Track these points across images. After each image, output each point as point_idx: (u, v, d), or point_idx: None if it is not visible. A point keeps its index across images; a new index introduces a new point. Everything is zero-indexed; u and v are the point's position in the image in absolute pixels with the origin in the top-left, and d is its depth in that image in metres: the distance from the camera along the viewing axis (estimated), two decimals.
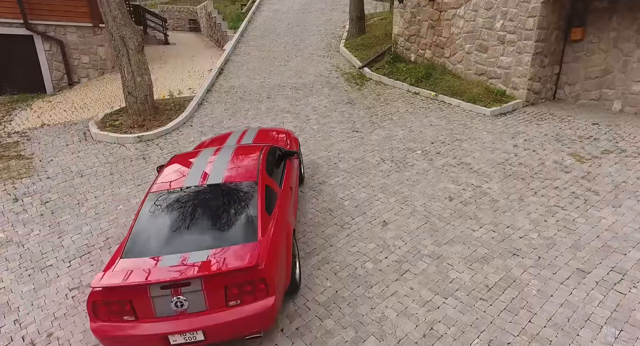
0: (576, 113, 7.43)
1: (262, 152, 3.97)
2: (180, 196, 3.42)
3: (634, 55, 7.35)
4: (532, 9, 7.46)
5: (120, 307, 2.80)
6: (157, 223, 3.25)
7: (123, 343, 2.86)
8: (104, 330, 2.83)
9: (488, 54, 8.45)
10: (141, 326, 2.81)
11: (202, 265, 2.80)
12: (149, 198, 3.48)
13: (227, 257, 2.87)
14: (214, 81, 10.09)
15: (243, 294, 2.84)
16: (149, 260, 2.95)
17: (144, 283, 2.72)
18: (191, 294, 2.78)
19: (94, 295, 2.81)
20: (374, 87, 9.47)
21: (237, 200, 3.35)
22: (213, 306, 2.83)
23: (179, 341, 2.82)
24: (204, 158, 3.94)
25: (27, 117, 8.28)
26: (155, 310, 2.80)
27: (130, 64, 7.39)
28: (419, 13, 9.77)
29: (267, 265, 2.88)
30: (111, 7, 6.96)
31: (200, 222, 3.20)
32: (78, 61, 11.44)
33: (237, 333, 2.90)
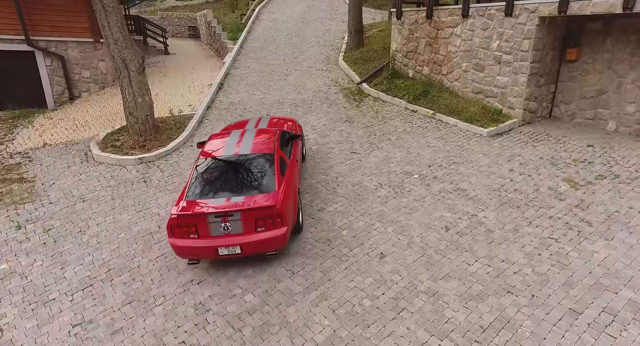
0: (571, 133, 7.54)
1: (276, 134, 5.51)
2: (223, 160, 4.93)
3: (628, 77, 7.47)
4: (527, 31, 7.57)
5: (188, 228, 4.25)
6: (207, 178, 4.74)
7: (190, 252, 4.29)
8: (178, 243, 4.25)
9: (485, 73, 8.56)
10: (201, 241, 4.27)
11: (240, 204, 4.29)
12: (199, 162, 4.97)
13: (256, 199, 4.36)
14: (214, 97, 10.19)
15: (266, 224, 4.30)
16: (205, 200, 4.44)
17: (205, 213, 4.22)
18: (233, 222, 4.25)
19: (172, 220, 4.25)
20: (372, 103, 9.57)
21: (261, 165, 4.87)
22: (247, 231, 4.30)
23: (224, 253, 4.27)
24: (234, 136, 5.49)
25: (29, 136, 8.38)
26: (210, 231, 4.26)
27: (132, 85, 7.48)
28: (416, 30, 9.88)
29: (281, 206, 4.34)
30: (112, 31, 7.05)
31: (237, 178, 4.70)
32: (79, 76, 11.54)
33: (262, 249, 4.36)
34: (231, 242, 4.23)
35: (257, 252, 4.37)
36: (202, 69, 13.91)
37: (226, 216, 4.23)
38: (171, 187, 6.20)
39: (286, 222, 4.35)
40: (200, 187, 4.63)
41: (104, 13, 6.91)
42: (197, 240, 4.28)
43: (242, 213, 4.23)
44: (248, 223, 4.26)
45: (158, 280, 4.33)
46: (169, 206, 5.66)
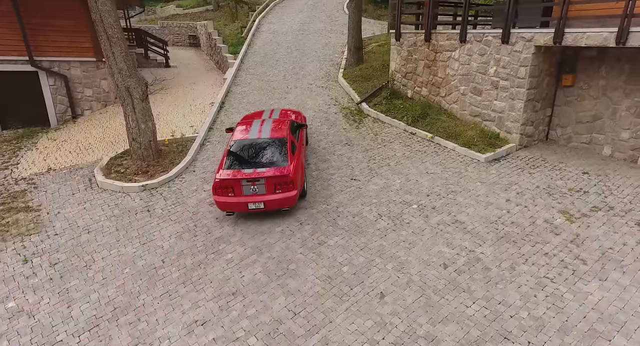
0: (567, 158, 7.65)
1: (287, 123, 7.26)
2: (249, 142, 6.64)
3: (622, 104, 7.60)
4: (523, 59, 7.70)
5: (227, 189, 5.91)
6: (238, 154, 6.43)
7: (228, 206, 5.96)
8: (220, 200, 5.93)
9: (482, 97, 8.69)
10: (236, 198, 5.94)
11: (264, 173, 5.95)
12: (232, 143, 6.64)
13: (275, 170, 6.02)
14: (216, 117, 10.30)
15: (282, 188, 5.96)
16: (238, 170, 6.08)
17: (240, 178, 5.90)
18: (259, 185, 5.91)
19: (216, 183, 5.92)
20: (371, 124, 9.70)
21: (277, 146, 6.53)
22: (269, 192, 5.96)
23: (252, 207, 5.93)
24: (256, 125, 7.23)
25: (34, 160, 8.48)
26: (242, 191, 5.92)
27: (135, 112, 7.59)
28: (415, 52, 10.02)
29: (293, 175, 6.04)
30: (117, 61, 7.17)
31: (261, 155, 6.37)
32: (82, 94, 11.66)
33: (279, 206, 6.02)
34: (257, 199, 5.97)
35: (275, 208, 6.08)
36: (203, 84, 14.04)
37: (254, 181, 5.98)
38: (174, 217, 6.31)
39: (296, 186, 6.14)
40: (234, 160, 6.35)
41: (108, 44, 7.03)
42: (233, 197, 6.02)
43: (266, 180, 5.98)
44: (270, 186, 6.00)
45: (163, 321, 4.42)
46: (173, 238, 5.77)
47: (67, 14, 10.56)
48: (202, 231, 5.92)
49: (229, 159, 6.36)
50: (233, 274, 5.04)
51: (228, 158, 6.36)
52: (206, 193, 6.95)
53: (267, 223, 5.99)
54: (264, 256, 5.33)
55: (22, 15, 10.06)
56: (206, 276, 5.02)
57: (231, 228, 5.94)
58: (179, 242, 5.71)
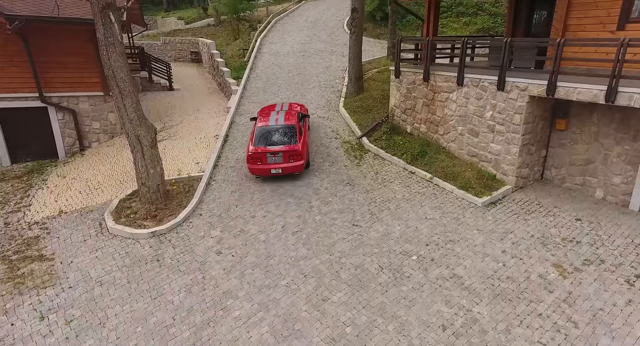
0: (561, 202, 7.90)
1: (295, 114, 9.99)
2: (269, 128, 9.26)
3: (613, 151, 7.87)
4: (518, 107, 7.97)
5: (257, 159, 8.65)
6: (262, 136, 9.05)
7: (257, 171, 8.78)
8: (252, 167, 8.71)
9: (479, 139, 8.95)
10: (263, 166, 8.71)
11: (282, 148, 8.70)
12: (257, 128, 9.27)
13: (289, 147, 8.76)
14: (220, 152, 10.54)
15: (293, 158, 8.73)
16: (264, 146, 8.80)
17: (266, 152, 8.66)
18: (278, 157, 8.69)
19: (249, 155, 8.67)
20: (372, 161, 9.95)
21: (290, 130, 9.20)
22: (285, 162, 8.73)
23: (273, 172, 8.71)
24: (273, 115, 9.92)
25: (45, 201, 8.76)
26: (267, 161, 8.66)
27: (144, 158, 7.85)
28: (414, 90, 10.29)
29: (301, 149, 8.82)
30: (128, 112, 7.44)
31: (279, 136, 9.02)
32: (89, 127, 11.94)
33: (292, 171, 8.82)
34: (277, 166, 8.76)
35: (289, 172, 8.90)
36: (207, 111, 14.25)
37: (275, 154, 8.74)
38: (183, 268, 6.55)
39: (304, 158, 8.95)
40: (259, 140, 9.08)
41: (120, 96, 7.31)
42: (261, 165, 8.81)
43: (283, 153, 8.74)
44: (285, 158, 8.77)
45: None
46: (182, 292, 5.98)
47: (76, 51, 10.87)
48: (210, 284, 6.16)
49: (256, 139, 9.17)
50: (241, 334, 5.27)
51: (255, 139, 9.18)
52: (213, 240, 7.20)
53: (272, 276, 6.18)
54: (270, 313, 5.56)
55: (33, 53, 10.36)
56: (215, 337, 5.25)
57: (238, 281, 6.16)
58: (188, 296, 5.95)
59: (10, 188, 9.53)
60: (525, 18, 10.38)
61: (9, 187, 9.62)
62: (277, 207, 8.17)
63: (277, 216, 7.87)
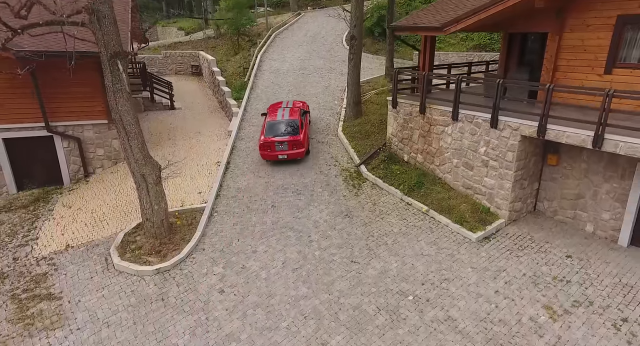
0: (553, 236, 8.14)
1: (298, 110, 12.24)
2: (277, 122, 11.59)
3: (603, 188, 8.12)
4: (510, 145, 8.24)
5: (267, 147, 11.10)
6: (271, 128, 11.41)
7: (267, 157, 11.28)
8: (263, 153, 11.24)
9: (474, 172, 9.20)
10: (272, 152, 11.16)
11: (287, 138, 11.06)
12: (266, 122, 11.63)
13: (293, 137, 11.11)
14: (222, 181, 10.79)
15: (296, 147, 11.14)
16: (273, 137, 11.16)
17: (274, 141, 11.03)
18: (284, 145, 11.04)
19: (261, 144, 11.18)
20: (370, 191, 10.20)
21: (293, 124, 11.53)
22: (289, 149, 11.09)
23: (280, 157, 11.16)
24: (280, 111, 12.15)
25: (52, 234, 8.98)
26: (275, 148, 11.09)
27: (149, 195, 8.09)
28: (411, 121, 10.56)
29: (302, 139, 11.23)
30: (134, 152, 7.69)
31: (285, 128, 11.33)
32: (94, 154, 12.18)
33: (295, 157, 11.24)
34: (283, 153, 10.96)
35: (292, 158, 11.13)
36: (208, 134, 14.42)
37: (281, 143, 10.95)
38: (187, 308, 6.76)
39: (304, 147, 11.21)
40: (269, 131, 11.32)
41: (127, 138, 7.56)
42: (270, 152, 11.10)
43: (287, 142, 10.96)
44: (290, 146, 10.97)
45: None
46: (187, 334, 6.19)
47: (81, 81, 11.06)
48: (214, 325, 6.37)
49: (266, 131, 11.43)
50: None
51: (266, 131, 11.44)
52: (216, 277, 7.39)
53: (273, 317, 6.39)
54: None
55: (40, 85, 10.61)
56: None
57: (240, 323, 6.36)
58: (192, 339, 6.15)
59: (18, 219, 9.77)
60: (519, 47, 10.70)
61: (16, 217, 9.87)
62: (278, 241, 8.41)
63: (277, 251, 8.11)
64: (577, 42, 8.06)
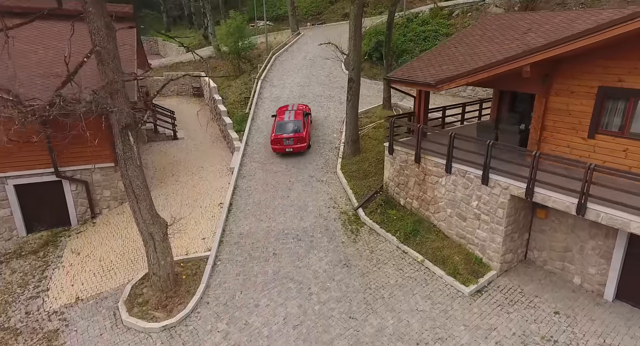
0: (542, 288, 8.50)
1: (302, 113, 15.16)
2: (284, 122, 14.55)
3: (589, 244, 8.49)
4: (500, 203, 8.61)
5: (277, 142, 14.04)
6: (280, 127, 14.39)
7: (277, 150, 14.23)
8: (273, 146, 14.23)
9: (467, 223, 9.57)
10: (281, 146, 14.09)
11: (292, 135, 13.97)
12: (276, 122, 14.64)
13: (297, 134, 14.00)
14: (225, 225, 11.14)
15: (300, 142, 14.08)
16: (281, 133, 14.15)
17: (283, 137, 13.99)
18: (290, 140, 13.99)
19: (272, 139, 14.17)
20: (367, 237, 10.55)
21: (298, 123, 14.48)
22: (295, 144, 14.05)
23: (286, 151, 14.14)
24: (287, 113, 15.06)
25: (62, 285, 9.36)
26: (284, 143, 13.96)
27: (156, 251, 8.47)
28: (406, 168, 10.94)
29: (305, 136, 14.19)
30: (142, 213, 8.08)
31: (291, 127, 14.30)
32: (100, 195, 12.58)
33: (299, 150, 14.19)
34: (289, 147, 13.87)
35: (297, 151, 13.97)
36: (211, 169, 14.71)
37: (288, 139, 13.84)
38: None
39: (306, 141, 14.15)
40: (278, 129, 14.17)
41: (136, 201, 7.96)
42: (279, 145, 14.00)
43: (293, 138, 13.83)
44: (295, 141, 13.84)
45: None
46: None
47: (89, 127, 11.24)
48: None
49: (276, 129, 14.26)
50: None
51: (276, 129, 14.27)
52: (220, 334, 7.69)
53: None
54: None
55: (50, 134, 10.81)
56: None
57: None
58: None
59: (28, 267, 10.14)
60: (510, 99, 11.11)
61: (27, 265, 10.24)
62: (279, 294, 8.74)
63: (279, 305, 8.45)
64: (562, 106, 8.47)
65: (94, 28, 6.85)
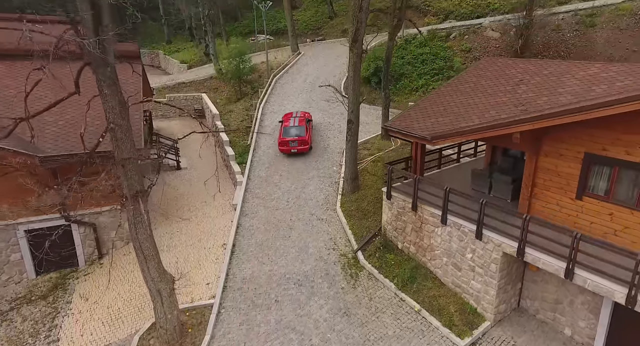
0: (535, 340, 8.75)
1: (304, 119, 17.85)
2: (290, 127, 17.15)
3: (578, 298, 8.82)
4: (494, 258, 8.96)
5: (283, 144, 16.71)
6: (286, 131, 17.06)
7: (284, 151, 16.90)
8: (281, 148, 16.90)
9: (462, 273, 9.91)
10: (287, 147, 16.76)
11: (296, 138, 16.72)
12: (283, 127, 17.24)
13: (300, 137, 16.72)
14: (228, 269, 11.48)
15: (303, 144, 16.79)
16: (287, 137, 16.80)
17: (289, 140, 16.71)
18: (295, 142, 16.71)
19: (279, 142, 16.89)
20: (366, 283, 10.87)
21: (301, 128, 17.15)
22: (298, 146, 16.76)
23: (292, 151, 16.81)
24: (292, 119, 17.68)
25: (72, 336, 9.68)
26: (289, 145, 16.63)
27: (164, 306, 8.81)
28: (404, 214, 11.30)
29: (307, 139, 16.94)
30: (150, 272, 8.44)
31: (295, 131, 16.96)
32: (107, 236, 12.93)
33: (302, 151, 16.92)
34: (294, 148, 16.57)
35: (301, 151, 16.68)
36: (214, 204, 14.98)
37: (293, 141, 16.57)
38: None
39: (309, 144, 16.82)
40: (285, 133, 16.86)
41: (144, 260, 8.32)
42: (286, 147, 16.67)
43: (297, 141, 16.58)
44: (299, 143, 16.58)
45: None
46: None
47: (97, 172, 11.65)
48: None
49: (283, 133, 16.76)
50: None
51: (283, 133, 16.77)
52: None
53: None
54: None
55: (60, 179, 11.34)
56: None
57: None
58: None
59: (39, 314, 10.47)
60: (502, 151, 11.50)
61: (37, 312, 10.57)
62: (281, 344, 9.05)
63: None
64: (551, 167, 8.83)
65: (109, 107, 7.26)
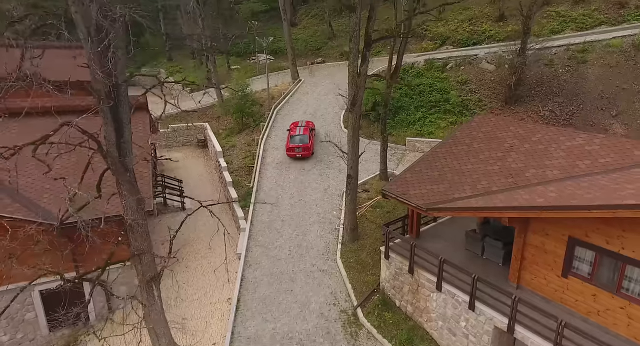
0: None
1: (308, 128, 21.87)
2: (296, 135, 21.02)
3: None
4: (485, 331, 9.42)
5: (291, 150, 20.61)
6: (292, 139, 20.91)
7: (290, 155, 20.93)
8: (288, 153, 20.86)
9: (456, 338, 10.31)
10: (293, 152, 20.64)
11: (301, 145, 20.59)
12: (290, 135, 21.14)
13: (304, 144, 20.55)
14: (233, 327, 11.91)
15: (306, 150, 20.65)
16: (293, 144, 20.70)
17: (295, 146, 20.65)
18: (299, 149, 20.57)
19: (287, 148, 20.81)
20: (366, 342, 11.32)
21: (305, 136, 21.00)
22: (303, 151, 20.60)
23: (297, 156, 20.69)
24: (298, 128, 21.50)
25: None
26: (295, 150, 20.48)
27: None
28: (401, 275, 11.79)
29: (310, 145, 20.99)
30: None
31: (300, 139, 20.81)
32: (117, 292, 13.37)
33: (305, 156, 20.80)
34: (299, 153, 20.39)
35: (304, 157, 20.55)
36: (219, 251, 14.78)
37: (298, 147, 20.41)
38: None
39: (311, 149, 20.79)
40: (291, 140, 20.68)
41: (157, 339, 8.87)
42: (292, 152, 20.55)
43: (302, 147, 20.42)
44: (303, 149, 20.43)
45: None
46: None
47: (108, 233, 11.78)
48: None
49: (290, 140, 20.48)
50: None
51: (290, 140, 20.52)
52: None
53: None
54: None
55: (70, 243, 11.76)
56: None
57: None
58: None
59: None
60: None
61: None
62: None
63: None
64: (539, 244, 9.31)
65: (127, 205, 7.83)
